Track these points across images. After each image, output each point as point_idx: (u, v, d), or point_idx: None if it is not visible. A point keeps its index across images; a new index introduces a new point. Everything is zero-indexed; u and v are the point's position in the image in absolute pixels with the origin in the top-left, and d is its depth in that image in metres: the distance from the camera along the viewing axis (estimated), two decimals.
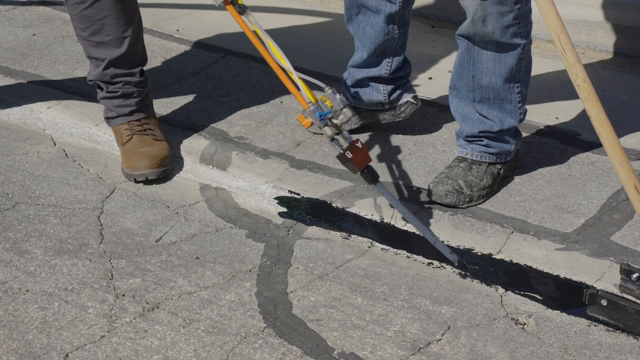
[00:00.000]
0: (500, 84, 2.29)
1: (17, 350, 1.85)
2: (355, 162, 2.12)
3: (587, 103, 1.93)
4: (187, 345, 1.88)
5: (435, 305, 2.02)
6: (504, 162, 2.41)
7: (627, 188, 1.91)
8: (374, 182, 2.16)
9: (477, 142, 2.37)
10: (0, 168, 2.51)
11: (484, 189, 2.35)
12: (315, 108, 2.12)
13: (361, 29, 2.53)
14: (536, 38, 3.33)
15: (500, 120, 2.33)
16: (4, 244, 2.19)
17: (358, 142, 2.13)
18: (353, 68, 2.61)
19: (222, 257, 2.16)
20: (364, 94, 2.61)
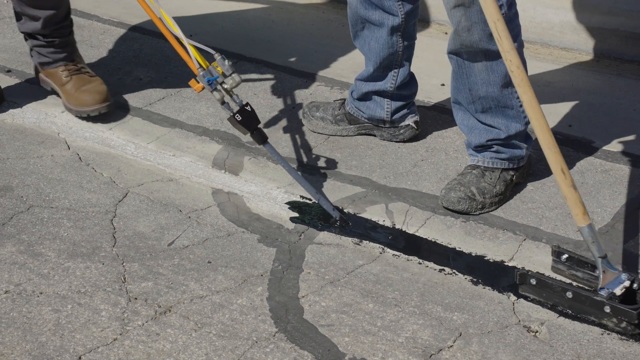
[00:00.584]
0: (498, 92, 2.30)
1: (31, 352, 1.86)
2: (244, 125, 2.28)
3: (519, 88, 2.01)
4: (199, 349, 1.89)
5: (447, 311, 2.01)
6: (517, 167, 2.41)
7: (554, 171, 1.99)
8: (263, 143, 2.32)
9: (487, 150, 2.38)
10: (15, 171, 2.52)
11: (496, 195, 2.35)
12: (205, 73, 2.26)
13: (366, 44, 2.56)
14: (549, 45, 3.33)
15: (506, 127, 2.34)
16: (18, 247, 2.20)
17: (248, 106, 2.28)
18: (359, 81, 2.63)
19: (234, 262, 2.17)
20: (367, 109, 2.64)
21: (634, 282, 1.99)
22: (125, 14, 3.57)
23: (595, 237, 2.00)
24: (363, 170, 2.55)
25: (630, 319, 1.92)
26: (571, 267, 2.10)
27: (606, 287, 1.99)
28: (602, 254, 2.01)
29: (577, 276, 2.10)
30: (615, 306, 1.93)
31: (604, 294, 1.97)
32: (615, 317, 1.94)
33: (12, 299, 2.01)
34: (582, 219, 1.99)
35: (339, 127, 2.70)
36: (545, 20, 3.32)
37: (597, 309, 1.96)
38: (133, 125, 2.77)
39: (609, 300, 1.95)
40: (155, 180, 2.51)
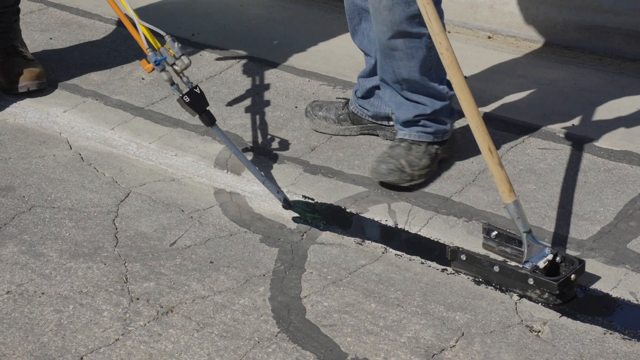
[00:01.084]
0: (419, 76, 2.38)
1: (33, 353, 1.86)
2: (192, 106, 2.34)
3: (449, 70, 2.07)
4: (201, 350, 1.89)
5: (449, 311, 2.01)
6: (441, 142, 2.48)
7: (482, 149, 2.08)
8: (210, 125, 2.39)
9: (415, 125, 2.45)
10: (17, 171, 2.52)
11: (423, 168, 2.43)
12: (153, 54, 2.32)
13: (365, 37, 2.56)
14: (552, 44, 3.32)
15: (431, 103, 2.43)
16: (20, 247, 2.20)
17: (197, 88, 2.34)
18: (362, 78, 2.63)
19: (236, 262, 2.17)
20: (371, 106, 2.64)
21: (557, 255, 2.07)
22: None
23: (521, 213, 2.08)
24: (365, 170, 2.55)
25: (551, 290, 1.99)
26: (500, 243, 2.18)
27: (530, 261, 2.06)
28: (527, 229, 2.08)
29: (505, 252, 2.18)
30: (538, 278, 2.01)
31: (528, 267, 2.05)
32: (538, 289, 2.02)
33: (13, 300, 2.01)
34: (508, 196, 2.07)
35: (341, 126, 2.69)
36: (548, 19, 3.31)
37: (522, 281, 2.04)
38: (135, 125, 2.77)
39: (532, 272, 2.03)
40: (157, 180, 2.51)
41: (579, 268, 2.03)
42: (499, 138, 2.70)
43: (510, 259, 2.16)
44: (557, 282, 1.99)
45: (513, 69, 3.15)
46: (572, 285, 2.03)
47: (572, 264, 2.05)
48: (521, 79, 3.08)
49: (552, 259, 2.07)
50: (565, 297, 2.03)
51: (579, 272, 2.04)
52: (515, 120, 2.79)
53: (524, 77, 3.09)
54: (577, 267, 2.03)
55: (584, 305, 2.03)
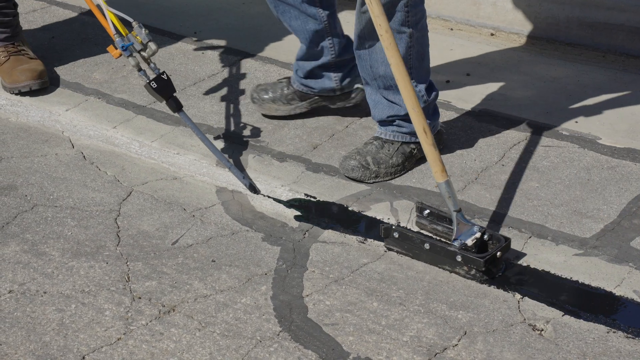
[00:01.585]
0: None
1: (35, 352, 1.86)
2: (159, 92, 2.37)
3: (388, 51, 2.12)
4: (203, 349, 1.88)
5: (452, 310, 2.00)
6: (419, 142, 2.44)
7: (417, 130, 2.14)
8: (177, 111, 2.42)
9: (390, 124, 2.48)
10: (19, 170, 2.52)
11: (392, 166, 2.46)
12: (120, 39, 2.36)
13: (289, 25, 2.60)
14: (555, 41, 3.31)
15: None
16: (22, 246, 2.20)
17: (164, 75, 2.38)
18: (301, 61, 2.66)
19: (238, 261, 2.16)
20: (316, 83, 2.69)
21: (485, 233, 2.12)
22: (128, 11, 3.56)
23: (452, 193, 2.13)
24: None
25: (478, 267, 2.06)
26: (432, 221, 2.24)
27: (459, 238, 2.12)
28: (457, 208, 2.14)
29: (437, 230, 2.23)
30: (465, 255, 2.08)
31: (457, 244, 2.10)
32: (466, 265, 2.09)
33: (15, 299, 2.01)
34: (440, 175, 2.13)
35: (291, 106, 2.73)
36: (550, 16, 3.30)
37: (450, 258, 2.10)
38: (137, 124, 2.77)
39: (460, 250, 2.08)
40: (160, 178, 2.51)
41: (504, 246, 2.10)
42: (502, 135, 2.69)
43: (441, 236, 2.22)
44: (483, 259, 2.05)
45: (516, 66, 3.14)
46: (498, 262, 2.10)
47: (499, 241, 2.11)
48: (524, 76, 3.07)
49: (481, 237, 2.12)
50: (492, 274, 2.09)
51: (505, 249, 2.11)
52: (518, 118, 2.78)
53: (527, 74, 3.08)
54: (503, 245, 2.10)
55: (588, 304, 2.03)
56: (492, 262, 2.08)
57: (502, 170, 2.53)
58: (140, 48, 2.39)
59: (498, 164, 2.56)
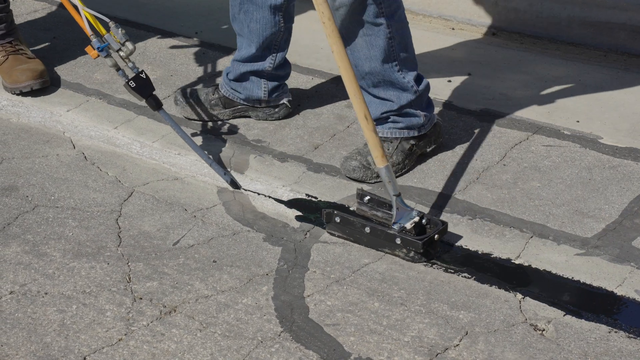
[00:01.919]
0: (380, 67, 2.38)
1: (36, 353, 1.86)
2: (138, 91, 2.40)
3: (330, 39, 2.15)
4: (204, 349, 1.88)
5: (453, 310, 2.00)
6: (417, 136, 2.49)
7: (359, 116, 2.18)
8: (157, 109, 2.44)
9: (385, 122, 2.47)
10: (20, 171, 2.52)
11: (393, 165, 2.45)
12: (96, 40, 2.38)
13: (245, 26, 2.61)
14: (556, 40, 3.30)
15: (397, 98, 2.43)
16: (24, 247, 2.20)
17: (143, 74, 2.41)
18: (238, 62, 2.68)
19: (239, 261, 2.16)
20: (243, 89, 2.70)
21: (423, 218, 2.19)
22: (130, 12, 3.57)
23: (392, 177, 2.18)
24: None
25: (416, 249, 2.13)
26: (372, 207, 2.29)
27: (398, 222, 2.18)
28: (396, 193, 2.19)
29: (377, 215, 2.28)
30: (404, 238, 2.14)
31: (396, 228, 2.16)
32: (405, 248, 2.15)
33: (17, 300, 2.01)
34: (380, 161, 2.18)
35: (214, 112, 2.74)
36: (552, 15, 3.30)
37: (390, 241, 2.16)
38: (138, 124, 2.77)
39: (399, 233, 2.15)
40: (161, 179, 2.51)
41: (442, 229, 2.17)
42: (503, 135, 2.69)
43: (381, 221, 2.25)
44: (421, 241, 2.12)
45: (517, 66, 3.13)
46: (436, 245, 2.18)
47: (436, 225, 2.18)
48: (525, 75, 3.06)
49: (419, 221, 2.18)
50: (430, 256, 2.17)
51: (442, 232, 2.18)
52: (519, 117, 2.78)
53: (528, 73, 3.08)
54: (441, 228, 2.17)
55: (589, 304, 2.03)
56: (430, 245, 2.15)
57: (504, 170, 2.52)
58: (118, 48, 2.41)
59: (499, 164, 2.55)
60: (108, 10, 3.55)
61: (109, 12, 3.53)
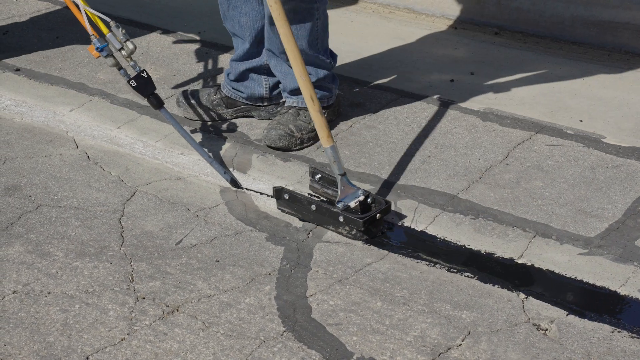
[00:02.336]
0: (305, 45, 2.51)
1: (39, 352, 1.87)
2: (139, 90, 2.42)
3: (277, 22, 2.22)
4: (207, 349, 1.88)
5: (456, 310, 2.00)
6: (327, 106, 2.64)
7: (305, 97, 2.24)
8: (158, 108, 2.45)
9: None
10: (24, 170, 2.53)
11: (312, 131, 2.58)
12: (97, 40, 2.40)
13: (236, 22, 2.64)
14: (559, 39, 3.29)
15: (315, 72, 2.57)
16: (27, 246, 2.20)
17: (144, 73, 2.43)
18: (235, 62, 2.71)
19: (242, 261, 2.16)
20: (245, 88, 2.73)
21: (368, 197, 2.25)
22: (133, 11, 3.57)
23: (337, 157, 2.25)
24: (372, 168, 2.54)
25: (358, 227, 2.19)
26: (323, 185, 2.36)
27: (343, 201, 2.25)
28: (342, 172, 2.26)
29: (328, 193, 2.35)
30: (347, 216, 2.21)
31: (340, 206, 2.24)
32: (347, 226, 2.22)
33: (20, 299, 2.02)
34: (326, 141, 2.25)
35: (216, 112, 2.76)
36: (555, 14, 3.29)
37: (334, 219, 2.23)
38: (141, 124, 2.77)
39: (343, 211, 2.21)
40: (164, 178, 2.51)
41: (384, 208, 2.23)
42: (506, 135, 2.69)
43: (332, 199, 2.32)
44: (362, 219, 2.18)
45: (520, 65, 3.13)
46: (378, 224, 2.25)
47: (380, 204, 2.24)
48: (529, 74, 3.06)
49: (364, 200, 2.25)
50: (371, 234, 2.23)
51: (385, 211, 2.24)
52: (522, 117, 2.78)
53: (531, 73, 3.07)
54: (383, 207, 2.23)
55: (592, 303, 2.02)
56: (371, 223, 2.21)
57: (507, 170, 2.52)
58: (120, 47, 2.42)
59: (502, 163, 2.55)
60: (112, 10, 3.56)
61: (113, 12, 3.54)
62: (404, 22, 3.53)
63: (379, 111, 2.82)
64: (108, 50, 2.42)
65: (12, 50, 3.21)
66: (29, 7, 3.57)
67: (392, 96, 2.91)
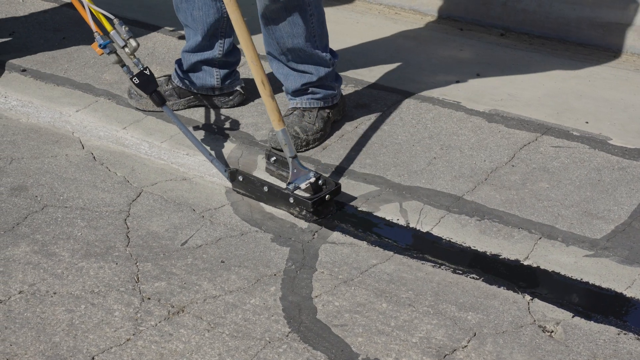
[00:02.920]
0: (303, 43, 2.51)
1: (44, 353, 1.87)
2: (141, 87, 2.45)
3: (229, 7, 2.26)
4: (212, 349, 1.88)
5: (461, 311, 2.00)
6: (331, 105, 2.66)
7: (256, 81, 2.31)
8: (161, 105, 2.47)
9: (304, 93, 2.61)
10: (30, 171, 2.53)
11: (317, 132, 2.61)
12: (100, 37, 2.41)
13: (189, 14, 2.66)
14: (565, 41, 3.29)
15: (316, 71, 2.59)
16: (33, 247, 2.21)
17: (147, 70, 2.45)
18: (187, 53, 2.73)
19: (247, 261, 2.16)
20: (197, 79, 2.76)
21: (320, 179, 2.33)
22: (139, 12, 3.58)
23: (288, 140, 2.32)
24: (377, 169, 2.54)
25: (307, 208, 2.28)
26: (279, 167, 2.44)
27: (294, 182, 2.32)
28: (293, 155, 2.33)
29: (282, 175, 2.43)
30: (297, 196, 2.29)
31: (291, 187, 2.32)
32: (297, 206, 2.29)
33: (25, 299, 2.02)
34: (278, 124, 2.31)
35: (169, 102, 2.78)
36: (561, 16, 3.29)
37: (285, 199, 2.31)
38: (147, 124, 2.78)
39: (293, 192, 2.30)
40: (169, 179, 2.51)
41: (334, 190, 2.31)
42: (512, 136, 2.68)
43: (286, 181, 2.38)
44: (311, 200, 2.26)
45: (526, 67, 3.13)
46: (328, 205, 2.31)
47: (330, 186, 2.32)
48: (534, 76, 3.06)
49: (315, 181, 2.32)
50: (321, 214, 2.30)
51: (334, 193, 2.32)
52: (528, 118, 2.77)
53: (537, 74, 3.07)
54: (333, 189, 2.31)
55: (598, 305, 2.02)
56: (321, 204, 2.29)
57: (512, 171, 2.52)
58: (123, 44, 2.44)
59: (508, 165, 2.55)
60: (118, 11, 3.56)
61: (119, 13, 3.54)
62: (410, 23, 3.52)
63: (384, 112, 2.82)
64: (111, 47, 2.44)
65: (19, 51, 3.22)
66: (36, 7, 3.58)
67: (397, 97, 2.91)
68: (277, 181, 2.43)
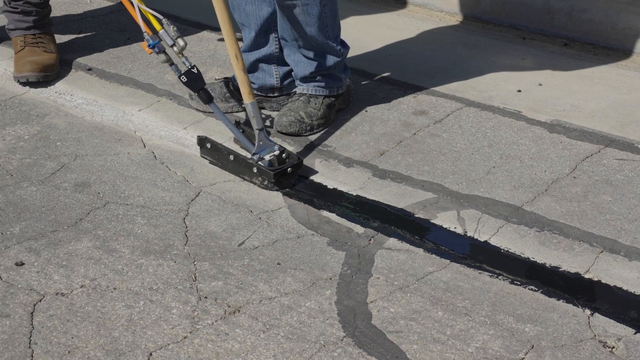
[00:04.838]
0: (315, 31, 2.58)
1: (104, 347, 1.90)
2: (189, 85, 2.52)
3: None
4: (267, 350, 1.89)
5: (519, 323, 1.97)
6: (337, 95, 2.74)
7: (230, 54, 2.43)
8: (208, 102, 2.55)
9: (311, 80, 2.69)
10: (93, 168, 2.59)
11: (321, 118, 2.70)
12: (149, 37, 2.48)
13: (242, 11, 2.69)
14: (632, 52, 3.22)
15: (325, 60, 2.66)
16: (94, 242, 2.25)
17: (194, 69, 2.52)
18: (245, 53, 2.75)
19: (303, 264, 2.17)
20: (256, 79, 2.79)
21: (284, 152, 2.45)
22: (201, 14, 3.63)
23: (257, 113, 2.45)
24: (435, 176, 2.52)
25: (269, 178, 2.41)
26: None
27: (259, 153, 2.45)
28: (260, 127, 2.45)
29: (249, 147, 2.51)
30: (260, 167, 2.42)
31: (256, 158, 2.44)
32: (260, 176, 2.43)
33: (87, 294, 2.06)
34: (248, 97, 2.46)
35: (229, 104, 2.82)
36: (629, 27, 3.22)
37: (249, 169, 2.44)
38: (207, 125, 2.81)
39: (257, 162, 2.42)
40: (227, 180, 2.54)
41: (296, 163, 2.44)
42: (574, 147, 2.64)
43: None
44: (273, 171, 2.40)
45: (590, 77, 3.07)
46: (290, 177, 2.44)
47: (292, 159, 2.45)
48: (598, 87, 3.00)
49: (279, 154, 2.44)
50: (282, 185, 2.43)
51: (296, 167, 2.45)
52: (591, 130, 2.72)
53: (601, 85, 3.01)
54: (295, 163, 2.44)
55: None
56: (282, 176, 2.41)
57: (574, 183, 2.47)
58: (172, 44, 2.49)
59: (569, 176, 2.50)
60: (178, 13, 3.62)
61: (181, 15, 3.60)
62: (471, 31, 3.50)
63: (443, 120, 2.80)
64: (160, 46, 2.49)
65: (85, 50, 3.29)
66: (102, 8, 3.66)
67: (457, 105, 2.89)
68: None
